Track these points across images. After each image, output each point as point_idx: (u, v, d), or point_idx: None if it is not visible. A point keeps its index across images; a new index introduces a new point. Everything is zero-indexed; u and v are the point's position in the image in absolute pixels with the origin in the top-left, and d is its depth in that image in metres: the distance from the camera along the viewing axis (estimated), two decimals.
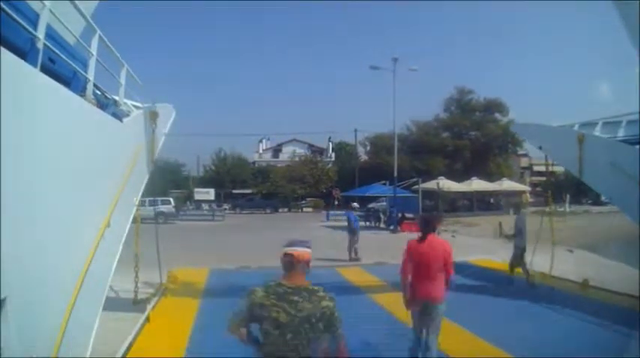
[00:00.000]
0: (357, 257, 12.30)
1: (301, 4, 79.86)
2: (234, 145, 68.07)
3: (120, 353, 4.60)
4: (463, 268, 10.42)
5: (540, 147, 9.91)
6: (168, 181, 38.89)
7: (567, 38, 71.37)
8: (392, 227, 21.19)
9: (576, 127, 8.48)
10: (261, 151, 53.65)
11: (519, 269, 9.77)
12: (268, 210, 36.53)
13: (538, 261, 9.19)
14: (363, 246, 12.94)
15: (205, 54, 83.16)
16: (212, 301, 7.14)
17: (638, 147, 7.07)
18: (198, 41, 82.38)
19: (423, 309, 4.21)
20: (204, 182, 41.45)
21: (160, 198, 27.88)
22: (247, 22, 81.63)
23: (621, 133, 7.71)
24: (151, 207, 25.50)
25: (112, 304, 5.80)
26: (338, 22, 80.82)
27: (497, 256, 11.65)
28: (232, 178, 42.70)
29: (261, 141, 53.19)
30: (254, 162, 49.97)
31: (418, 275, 4.20)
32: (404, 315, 6.33)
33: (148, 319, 5.82)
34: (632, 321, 5.40)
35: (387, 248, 13.44)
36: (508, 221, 14.32)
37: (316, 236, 18.79)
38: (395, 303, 7.10)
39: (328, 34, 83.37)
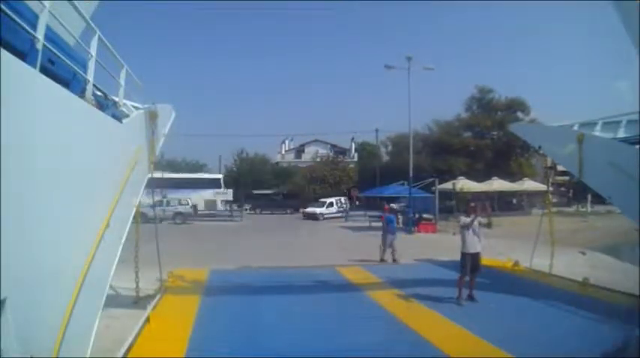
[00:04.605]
0: (395, 257, 11.67)
1: (321, 4, 79.14)
2: (257, 146, 68.16)
3: (120, 353, 4.60)
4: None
5: (540, 147, 9.92)
6: None
7: (583, 38, 70.11)
8: (408, 227, 21.08)
9: (576, 127, 8.47)
10: (283, 152, 53.43)
11: (520, 267, 9.80)
12: (289, 211, 35.90)
13: (542, 262, 9.16)
14: (370, 246, 12.74)
15: (222, 54, 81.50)
16: (212, 301, 7.16)
17: (638, 147, 7.07)
18: (215, 42, 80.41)
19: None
20: (226, 182, 41.39)
21: (177, 198, 27.99)
22: (266, 22, 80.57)
23: (621, 133, 7.71)
24: (170, 208, 25.85)
25: (113, 303, 5.82)
26: (360, 20, 79.60)
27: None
28: (253, 178, 42.61)
29: (283, 141, 53.20)
30: (277, 163, 49.81)
31: None
32: (402, 314, 6.41)
33: (148, 319, 5.83)
34: (631, 319, 5.40)
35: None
36: (532, 222, 13.64)
37: (332, 238, 18.77)
38: (394, 301, 7.15)
39: (351, 32, 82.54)
